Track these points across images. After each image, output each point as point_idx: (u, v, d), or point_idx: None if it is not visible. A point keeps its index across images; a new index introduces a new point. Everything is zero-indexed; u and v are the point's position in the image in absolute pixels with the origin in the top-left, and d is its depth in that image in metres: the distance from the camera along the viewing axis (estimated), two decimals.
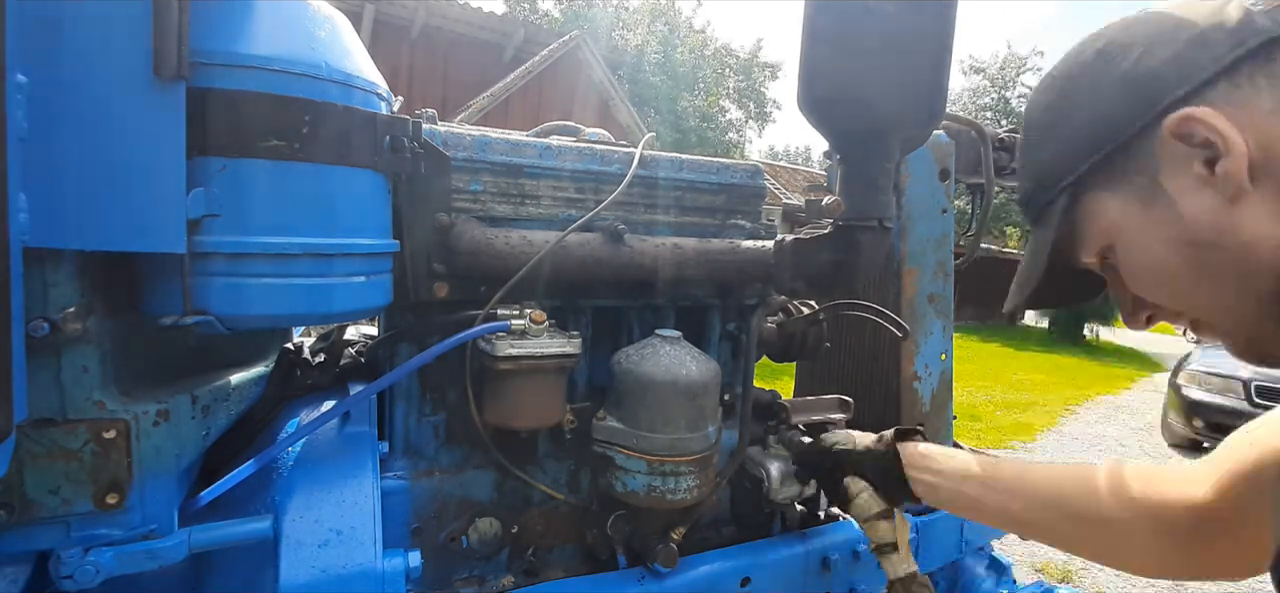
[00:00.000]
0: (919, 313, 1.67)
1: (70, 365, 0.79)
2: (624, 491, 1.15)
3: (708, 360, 1.18)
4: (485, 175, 1.20)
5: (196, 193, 0.78)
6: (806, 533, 1.42)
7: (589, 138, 1.46)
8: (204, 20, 0.78)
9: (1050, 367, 13.05)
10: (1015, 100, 22.56)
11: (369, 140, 0.94)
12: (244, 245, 0.83)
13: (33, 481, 0.78)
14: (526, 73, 10.14)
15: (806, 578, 1.36)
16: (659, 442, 1.12)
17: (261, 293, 0.85)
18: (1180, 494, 0.79)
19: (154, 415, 0.85)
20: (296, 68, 0.84)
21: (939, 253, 1.68)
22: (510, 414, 1.12)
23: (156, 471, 0.86)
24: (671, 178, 1.36)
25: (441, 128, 1.19)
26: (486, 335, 1.07)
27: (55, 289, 0.77)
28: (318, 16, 0.91)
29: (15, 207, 0.64)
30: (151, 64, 0.72)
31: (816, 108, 0.98)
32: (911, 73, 0.93)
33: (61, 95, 0.69)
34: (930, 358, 1.68)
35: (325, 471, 1.03)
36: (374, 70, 0.99)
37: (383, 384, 1.08)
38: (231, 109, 0.80)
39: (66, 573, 0.81)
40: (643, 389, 1.12)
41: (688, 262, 1.27)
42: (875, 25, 0.90)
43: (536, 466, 1.27)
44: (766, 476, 1.32)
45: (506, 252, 1.14)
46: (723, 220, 1.43)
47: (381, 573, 0.96)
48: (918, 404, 1.67)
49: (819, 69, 0.95)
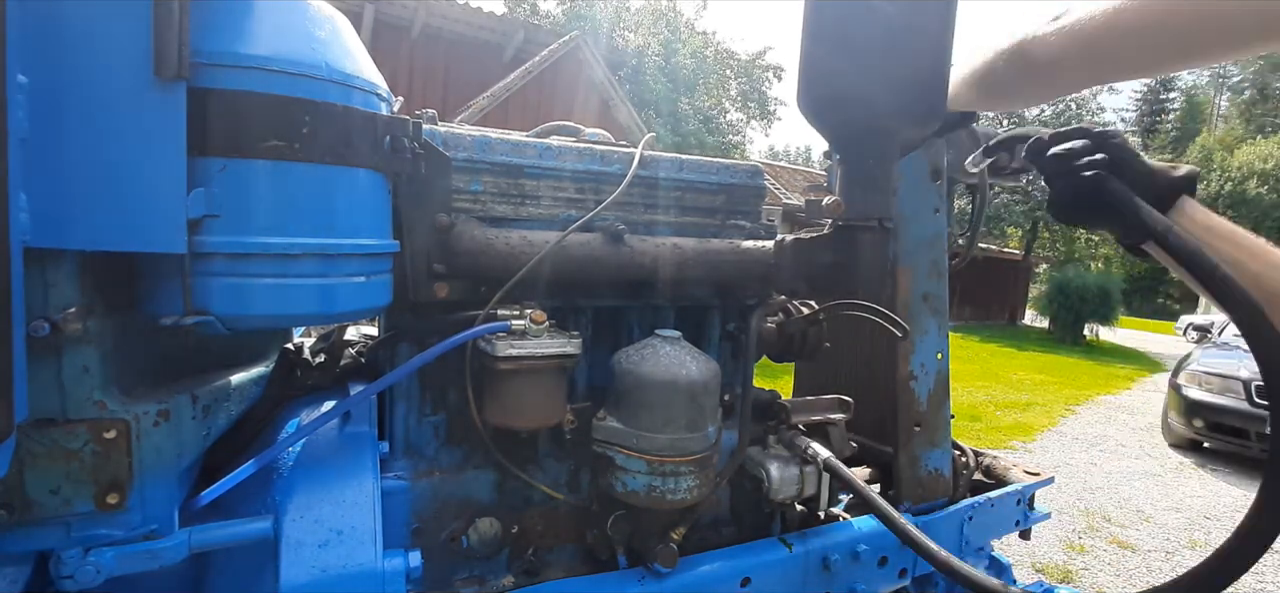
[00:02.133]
0: (914, 312, 1.67)
1: (71, 365, 0.79)
2: (624, 491, 1.15)
3: (708, 360, 1.18)
4: (485, 176, 1.20)
5: (197, 193, 0.78)
6: (806, 533, 1.42)
7: (589, 138, 1.46)
8: (204, 21, 0.78)
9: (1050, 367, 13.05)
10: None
11: (369, 141, 0.94)
12: (244, 245, 0.83)
13: (33, 481, 0.78)
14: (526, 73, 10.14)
15: (806, 578, 1.36)
16: (659, 442, 1.12)
17: (262, 293, 0.85)
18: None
19: (154, 416, 0.85)
20: (297, 68, 0.84)
21: (932, 252, 1.68)
22: (510, 414, 1.12)
23: (157, 471, 0.86)
24: (671, 178, 1.36)
25: (442, 128, 1.19)
26: (486, 335, 1.07)
27: (56, 289, 0.77)
28: (318, 17, 0.91)
29: (16, 207, 0.64)
30: (152, 64, 0.72)
31: (816, 108, 0.98)
32: (911, 72, 0.93)
33: (62, 96, 0.70)
34: (926, 357, 1.68)
35: (325, 471, 1.03)
36: (374, 71, 0.99)
37: (383, 384, 1.09)
38: (232, 109, 0.80)
39: (67, 573, 0.81)
40: (643, 389, 1.12)
41: (688, 262, 1.27)
42: (875, 25, 0.90)
43: (536, 466, 1.27)
44: (766, 476, 1.32)
45: (507, 252, 1.14)
46: (723, 221, 1.43)
47: (382, 573, 0.96)
48: (914, 404, 1.67)
49: (819, 69, 0.95)
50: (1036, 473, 1.97)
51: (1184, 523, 5.01)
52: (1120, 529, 4.80)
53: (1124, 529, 4.81)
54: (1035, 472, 1.98)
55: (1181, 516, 5.17)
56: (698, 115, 15.48)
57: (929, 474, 1.69)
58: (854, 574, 1.43)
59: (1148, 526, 4.92)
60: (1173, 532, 4.82)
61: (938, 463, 1.71)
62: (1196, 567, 0.76)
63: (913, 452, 1.67)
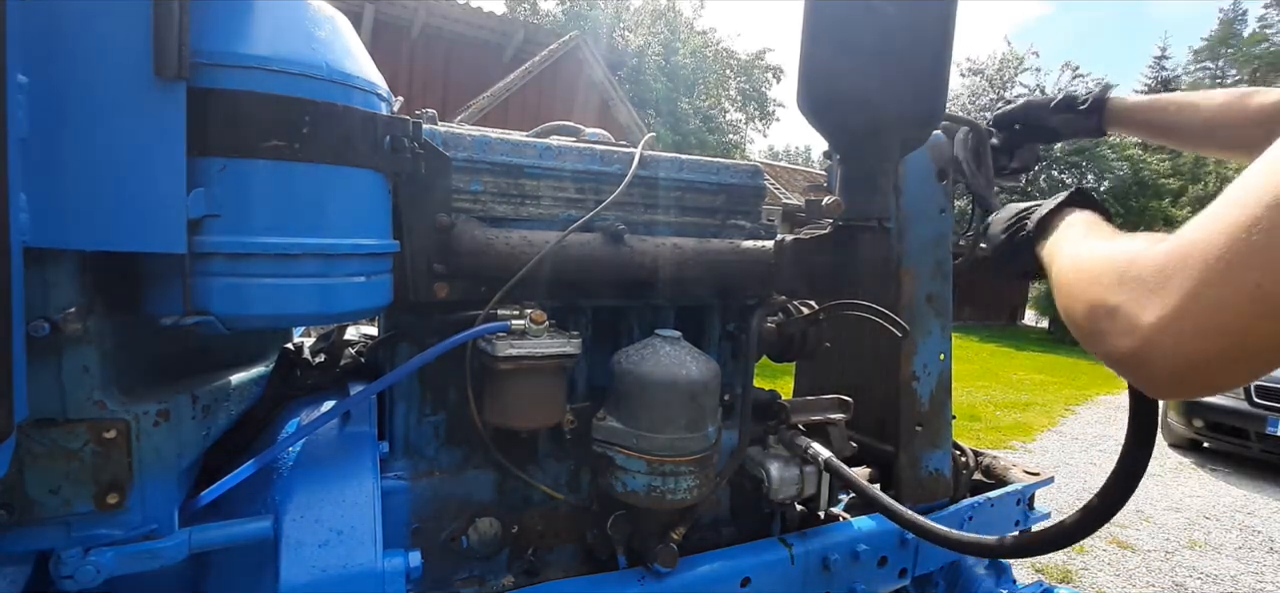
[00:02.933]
0: (917, 313, 1.67)
1: (71, 365, 0.79)
2: (624, 490, 1.15)
3: (707, 360, 1.18)
4: (485, 176, 1.20)
5: (197, 193, 0.78)
6: (806, 533, 1.42)
7: (589, 138, 1.46)
8: (204, 21, 0.78)
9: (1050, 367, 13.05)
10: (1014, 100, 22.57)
11: (369, 141, 0.94)
12: (244, 245, 0.83)
13: (33, 480, 0.78)
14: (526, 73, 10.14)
15: (806, 578, 1.36)
16: (659, 442, 1.12)
17: (262, 293, 0.86)
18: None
19: (154, 415, 0.86)
20: (297, 68, 0.84)
21: (937, 253, 1.69)
22: (510, 414, 1.12)
23: (157, 470, 0.86)
24: (671, 178, 1.36)
25: (442, 128, 1.19)
26: (486, 335, 1.07)
27: (56, 289, 0.77)
28: (318, 17, 0.91)
29: (16, 207, 0.64)
30: (152, 65, 0.72)
31: (816, 108, 0.98)
32: (911, 73, 0.93)
33: (63, 96, 0.70)
34: (929, 358, 1.69)
35: (325, 470, 1.03)
36: (374, 71, 0.99)
37: (383, 384, 1.08)
38: (232, 109, 0.81)
39: (67, 573, 0.81)
40: (642, 389, 1.12)
41: (687, 262, 1.27)
42: (875, 26, 0.90)
43: (536, 466, 1.27)
44: (766, 476, 1.32)
45: (507, 252, 1.14)
46: (722, 220, 1.43)
47: (382, 573, 0.96)
48: (916, 404, 1.67)
49: (819, 69, 0.95)
50: (1036, 473, 1.97)
51: (1183, 523, 5.01)
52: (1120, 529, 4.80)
53: (1124, 529, 4.81)
54: (1035, 472, 1.98)
55: (1181, 515, 5.17)
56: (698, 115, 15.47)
57: (930, 475, 1.69)
58: (854, 574, 1.43)
59: (1147, 525, 4.92)
60: (1172, 531, 4.82)
61: (939, 463, 1.71)
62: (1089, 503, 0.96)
63: (914, 452, 1.67)
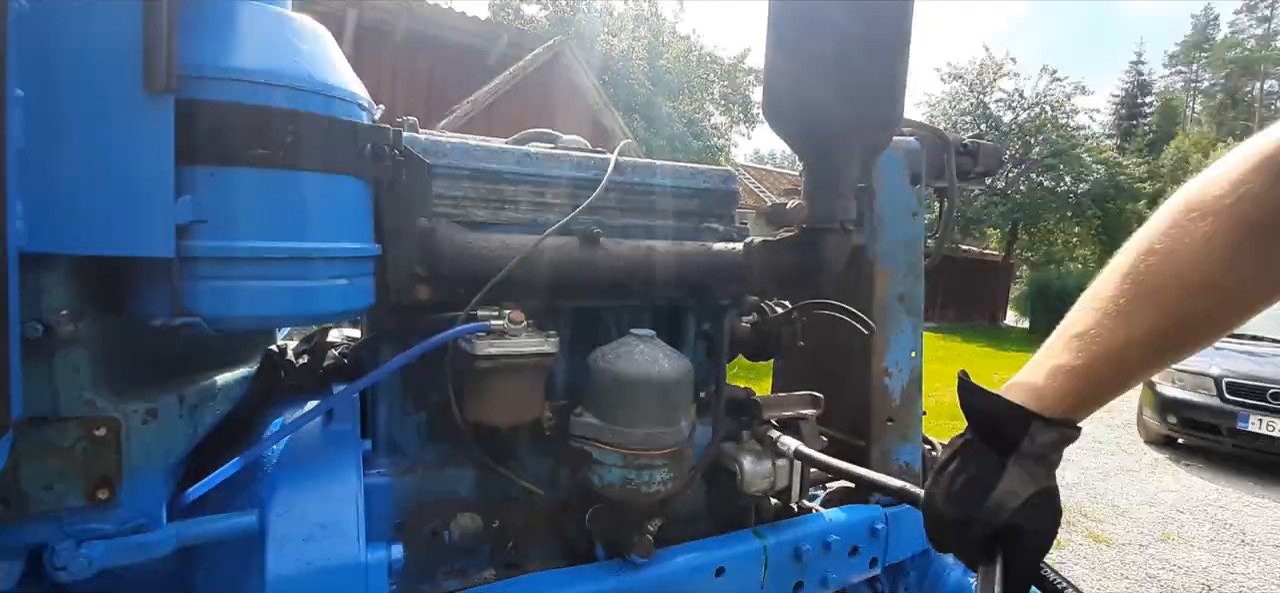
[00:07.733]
0: (890, 312, 1.72)
1: (63, 366, 0.82)
2: (601, 484, 1.19)
3: (680, 358, 1.22)
4: (465, 181, 1.24)
5: (185, 200, 0.82)
6: (779, 525, 1.46)
7: (566, 144, 1.50)
8: (192, 35, 0.82)
9: None
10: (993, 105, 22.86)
11: (350, 148, 0.98)
12: (230, 250, 0.86)
13: (27, 476, 0.81)
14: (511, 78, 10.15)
15: (779, 568, 1.41)
16: (634, 436, 1.16)
17: (247, 295, 0.89)
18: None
19: (143, 414, 0.89)
20: (281, 80, 0.88)
21: (909, 254, 1.74)
22: (490, 411, 1.16)
23: (145, 467, 0.89)
24: (646, 183, 1.40)
25: (423, 135, 1.22)
26: (467, 335, 1.10)
27: (49, 292, 0.80)
28: (301, 31, 0.95)
29: (13, 214, 0.67)
30: (141, 79, 0.76)
31: (779, 116, 1.03)
32: (868, 79, 0.97)
33: (57, 108, 0.73)
34: (900, 355, 1.74)
35: (310, 467, 1.06)
36: (356, 81, 1.03)
37: (365, 383, 1.12)
38: (218, 120, 0.84)
39: (60, 564, 0.84)
40: (617, 386, 1.16)
41: (660, 263, 1.31)
42: (829, 34, 0.93)
43: (517, 462, 1.31)
44: (739, 469, 1.36)
45: (486, 255, 1.18)
46: (697, 224, 1.48)
47: (365, 566, 0.99)
48: (887, 399, 1.72)
49: (780, 77, 0.99)
50: None
51: (1158, 517, 5.12)
52: (1097, 524, 4.90)
53: (1100, 524, 4.91)
54: None
55: (1156, 510, 5.28)
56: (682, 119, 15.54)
57: (900, 468, 1.74)
58: (825, 564, 1.48)
59: (1123, 520, 5.03)
60: (1147, 526, 4.93)
61: (909, 456, 1.76)
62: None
63: (885, 445, 1.72)
